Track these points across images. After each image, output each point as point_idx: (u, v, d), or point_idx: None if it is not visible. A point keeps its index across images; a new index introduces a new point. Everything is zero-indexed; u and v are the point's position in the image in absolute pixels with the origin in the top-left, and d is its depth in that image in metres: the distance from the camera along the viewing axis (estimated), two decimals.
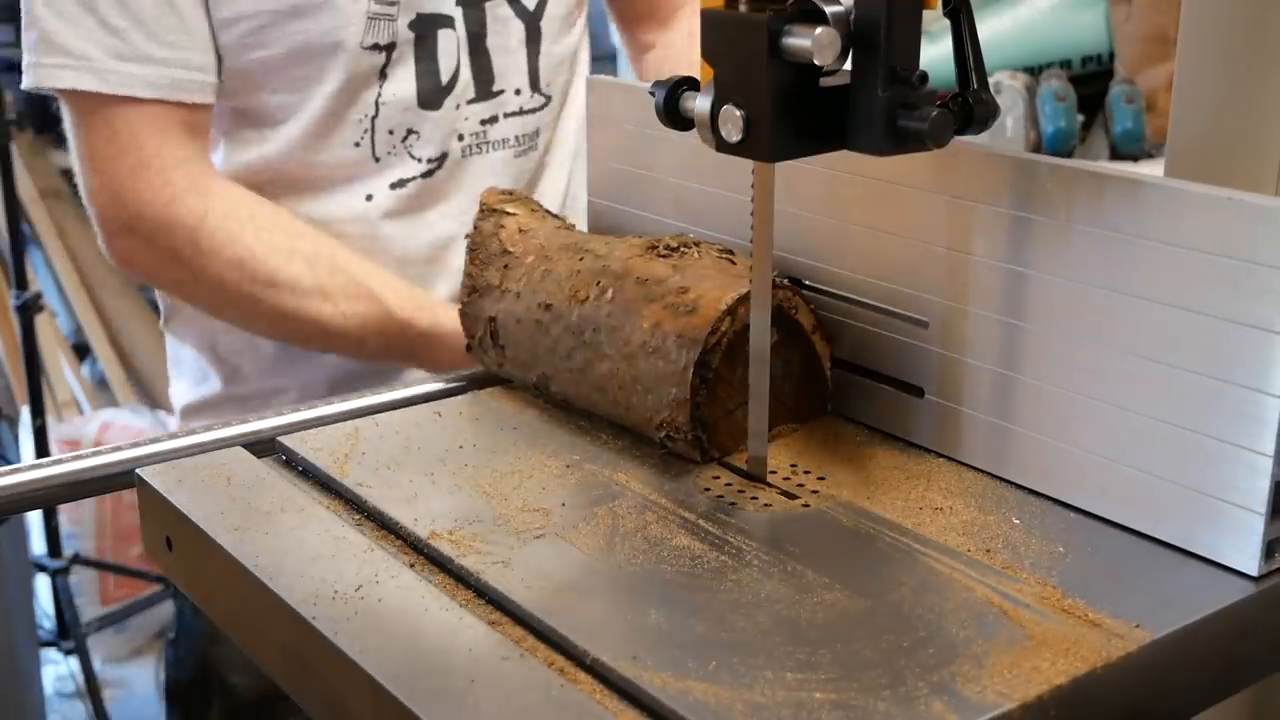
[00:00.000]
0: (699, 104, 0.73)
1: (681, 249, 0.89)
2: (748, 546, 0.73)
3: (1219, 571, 0.70)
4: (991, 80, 2.06)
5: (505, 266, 0.95)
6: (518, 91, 1.28)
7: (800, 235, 0.90)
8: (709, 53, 0.72)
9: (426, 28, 1.21)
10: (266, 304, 1.16)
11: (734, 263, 0.88)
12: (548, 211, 1.01)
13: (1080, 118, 2.19)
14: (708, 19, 0.71)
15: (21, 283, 2.81)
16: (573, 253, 0.92)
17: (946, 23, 0.74)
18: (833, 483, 0.81)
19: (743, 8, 0.70)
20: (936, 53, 0.74)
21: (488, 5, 1.25)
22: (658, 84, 0.77)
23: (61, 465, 0.87)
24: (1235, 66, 0.91)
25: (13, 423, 2.93)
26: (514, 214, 0.99)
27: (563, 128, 1.35)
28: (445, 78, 1.23)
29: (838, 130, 0.70)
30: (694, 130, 0.74)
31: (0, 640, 2.35)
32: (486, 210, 0.99)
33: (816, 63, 0.67)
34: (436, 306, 1.19)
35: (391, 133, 1.22)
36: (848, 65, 0.69)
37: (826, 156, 0.73)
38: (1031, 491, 0.78)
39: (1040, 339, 0.76)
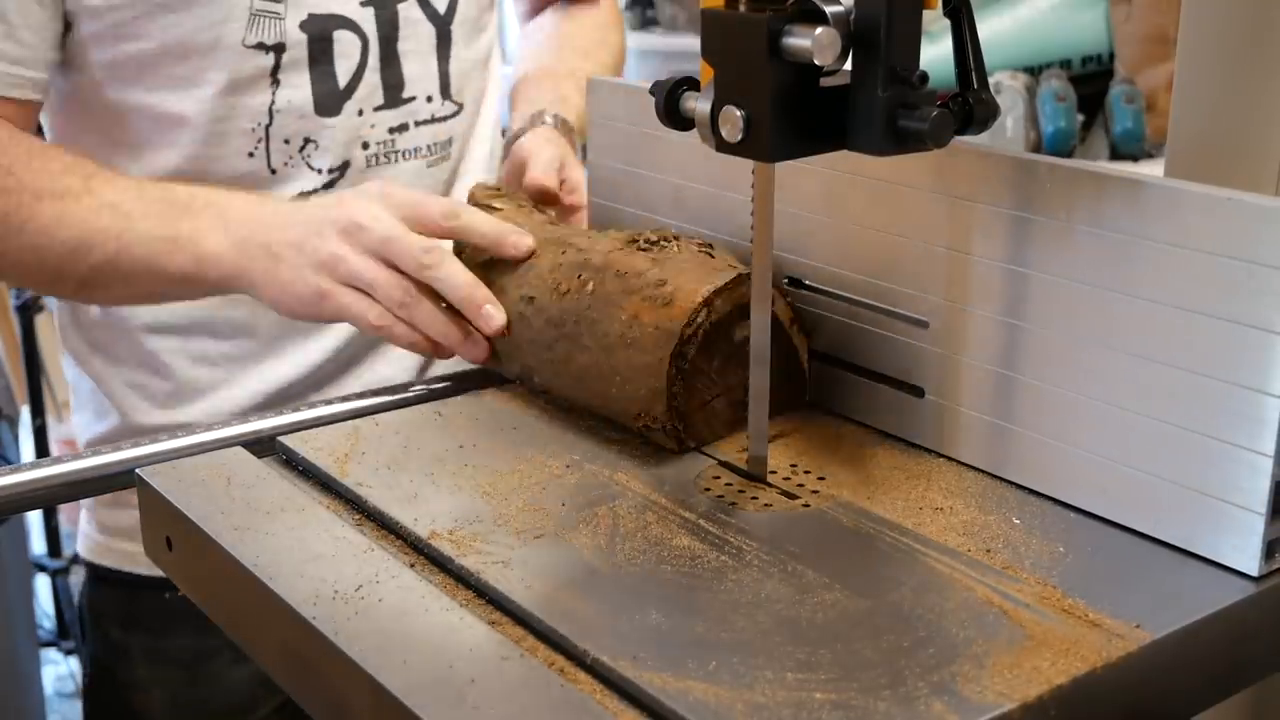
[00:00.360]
0: (699, 104, 0.73)
1: (661, 243, 0.90)
2: (748, 546, 0.73)
3: (1219, 571, 0.70)
4: (991, 80, 2.06)
5: (490, 260, 0.96)
6: (429, 99, 1.22)
7: (800, 235, 0.90)
8: (709, 52, 0.72)
9: (321, 29, 1.14)
10: (33, 223, 1.04)
11: (712, 256, 0.89)
12: (535, 206, 1.02)
13: (1080, 118, 2.19)
14: (708, 19, 0.71)
15: None
16: (556, 246, 0.93)
17: (946, 23, 0.74)
18: (833, 483, 0.81)
19: (742, 8, 0.70)
20: (936, 53, 0.74)
21: (400, 7, 1.19)
22: (658, 84, 0.77)
23: (61, 465, 0.87)
24: (1235, 66, 0.91)
25: (13, 423, 2.92)
26: (500, 209, 1.00)
27: (477, 136, 1.29)
28: (344, 81, 1.16)
29: (838, 130, 0.70)
30: (694, 130, 0.74)
31: (0, 640, 2.34)
32: (474, 205, 1.00)
33: (816, 63, 0.67)
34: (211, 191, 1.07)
35: (288, 142, 1.15)
36: (848, 65, 0.69)
37: (826, 156, 0.73)
38: (1031, 491, 0.78)
39: (1040, 339, 0.76)
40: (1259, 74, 0.90)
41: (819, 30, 0.67)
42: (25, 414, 2.91)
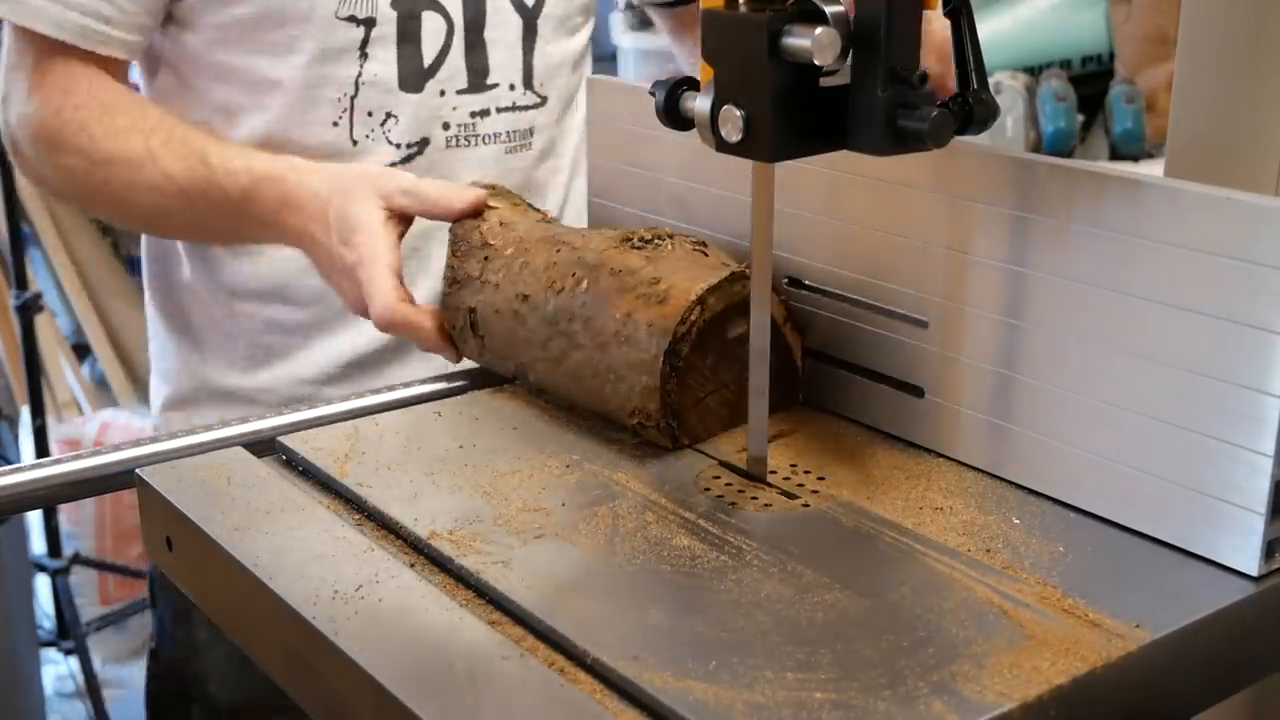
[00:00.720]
0: (699, 104, 0.73)
1: (655, 241, 0.90)
2: (748, 546, 0.73)
3: (1219, 571, 0.70)
4: (991, 80, 2.06)
5: (485, 258, 0.96)
6: (511, 87, 1.25)
7: (800, 235, 0.90)
8: (709, 53, 0.72)
9: (411, 7, 1.18)
10: (110, 185, 1.15)
11: (706, 254, 0.89)
12: (529, 205, 1.02)
13: (1080, 118, 2.19)
14: (708, 19, 0.71)
15: (21, 283, 2.81)
16: (550, 245, 0.93)
17: (942, 23, 0.74)
18: (833, 483, 0.81)
19: (743, 8, 0.70)
20: None
21: None
22: (658, 84, 0.77)
23: (61, 465, 0.87)
24: (1235, 66, 0.91)
25: (13, 423, 2.93)
26: (495, 207, 1.00)
27: (565, 131, 1.34)
28: (428, 61, 1.20)
29: (838, 130, 0.70)
30: (693, 130, 0.74)
31: (0, 640, 2.35)
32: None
33: (816, 63, 0.67)
34: (281, 163, 1.12)
35: (370, 115, 1.19)
36: (848, 65, 0.69)
37: (826, 156, 0.73)
38: (1031, 491, 0.78)
39: (1040, 339, 0.76)
40: (1259, 74, 0.90)
41: (819, 30, 0.67)
42: (25, 414, 2.91)
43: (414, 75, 1.20)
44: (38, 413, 2.81)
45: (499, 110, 1.25)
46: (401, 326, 0.98)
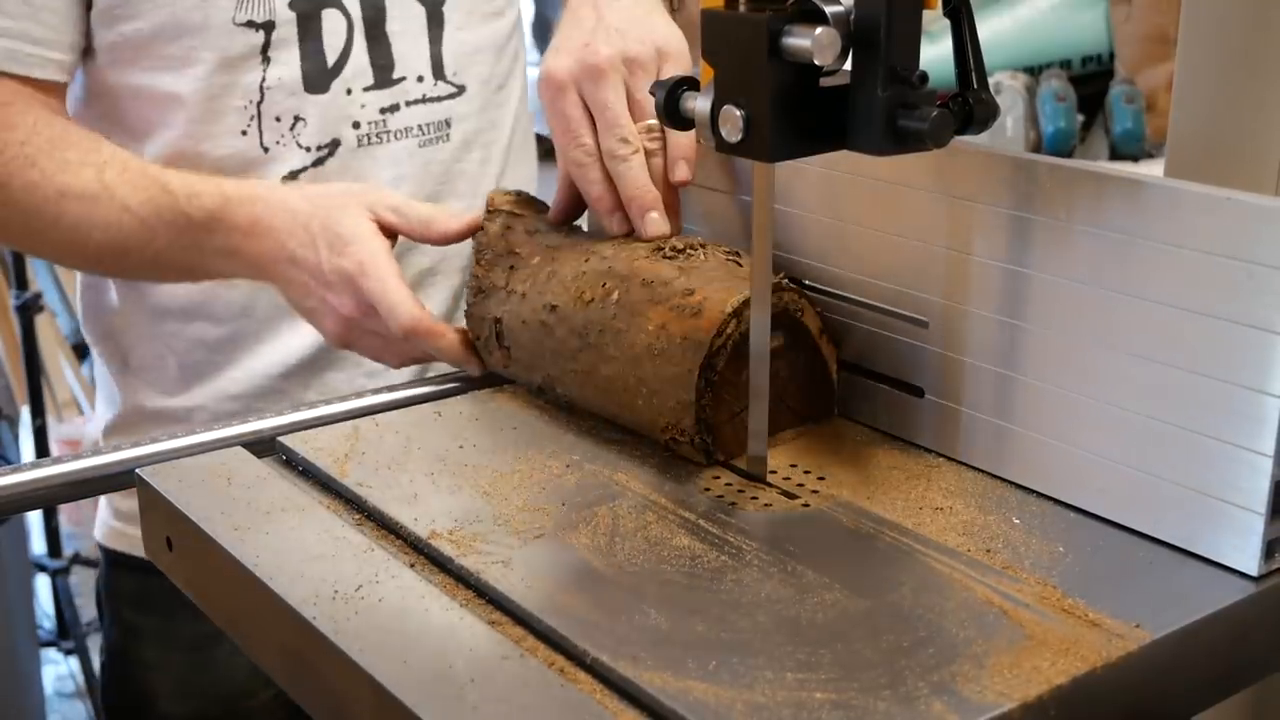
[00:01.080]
0: (699, 104, 0.73)
1: (688, 250, 0.89)
2: (748, 546, 0.73)
3: (1219, 571, 0.70)
4: (991, 80, 2.06)
5: (511, 267, 0.95)
6: (420, 79, 1.21)
7: (800, 235, 0.90)
8: (709, 52, 0.72)
9: (309, 6, 1.15)
10: (63, 220, 1.10)
11: (740, 264, 0.88)
12: None
13: (1080, 118, 2.19)
14: (708, 19, 0.71)
15: (21, 283, 2.82)
16: (579, 254, 0.92)
17: (946, 23, 0.74)
18: (833, 483, 0.81)
19: (742, 8, 0.70)
20: (936, 53, 0.74)
21: None
22: (658, 84, 0.77)
23: (61, 465, 0.87)
24: (1235, 66, 0.91)
25: (13, 423, 2.92)
26: (521, 215, 0.98)
27: (494, 120, 1.29)
28: (332, 60, 1.17)
29: (838, 130, 0.70)
30: (694, 129, 0.74)
31: (0, 640, 2.35)
32: (493, 211, 0.99)
33: (816, 63, 0.67)
34: (253, 185, 1.10)
35: (279, 120, 1.16)
36: (847, 65, 0.69)
37: (826, 156, 0.73)
38: (1031, 491, 0.78)
39: (1040, 339, 0.76)
40: (1259, 74, 0.90)
41: (819, 30, 0.67)
42: (25, 414, 2.91)
43: (319, 76, 1.17)
44: (38, 413, 2.81)
45: (409, 104, 1.21)
46: (425, 335, 0.97)
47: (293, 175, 1.17)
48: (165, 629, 1.26)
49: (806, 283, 0.90)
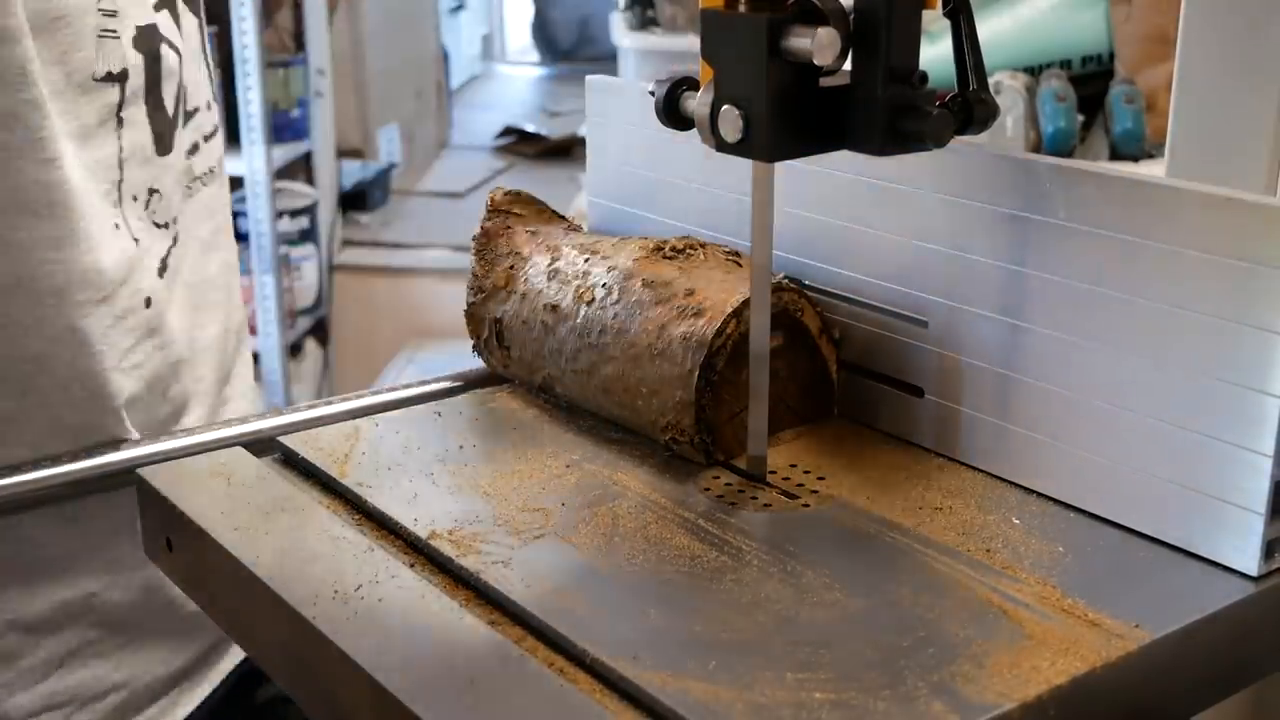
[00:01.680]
0: (698, 104, 0.73)
1: (688, 251, 0.89)
2: (748, 546, 0.73)
3: (1219, 571, 0.70)
4: (991, 80, 2.06)
5: (511, 268, 0.95)
6: (209, 106, 1.03)
7: (800, 235, 0.90)
8: (708, 52, 0.72)
9: (149, 45, 0.93)
10: None
11: (740, 265, 0.88)
12: (554, 212, 1.01)
13: (1080, 118, 2.19)
14: (707, 18, 0.71)
15: None
16: (579, 254, 0.92)
17: (947, 23, 0.74)
18: (833, 483, 0.81)
19: (742, 7, 0.70)
20: (936, 53, 0.74)
21: (180, 6, 0.99)
22: (658, 83, 0.77)
23: (61, 465, 0.87)
24: (1235, 66, 0.91)
25: None
26: (521, 214, 0.99)
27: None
28: (171, 108, 0.96)
29: (837, 130, 0.70)
30: (694, 129, 0.74)
31: None
32: (493, 211, 0.99)
33: (816, 63, 0.67)
34: None
35: (135, 199, 0.93)
36: (847, 65, 0.69)
37: (826, 156, 0.73)
38: (1031, 491, 0.78)
39: (1040, 339, 0.76)
40: (1259, 74, 0.90)
41: (819, 30, 0.67)
42: None
43: (164, 133, 0.96)
44: None
45: (205, 139, 1.03)
46: None
47: (162, 268, 0.96)
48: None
49: (806, 283, 0.90)
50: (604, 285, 0.88)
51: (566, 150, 4.76)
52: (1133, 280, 0.72)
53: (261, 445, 0.88)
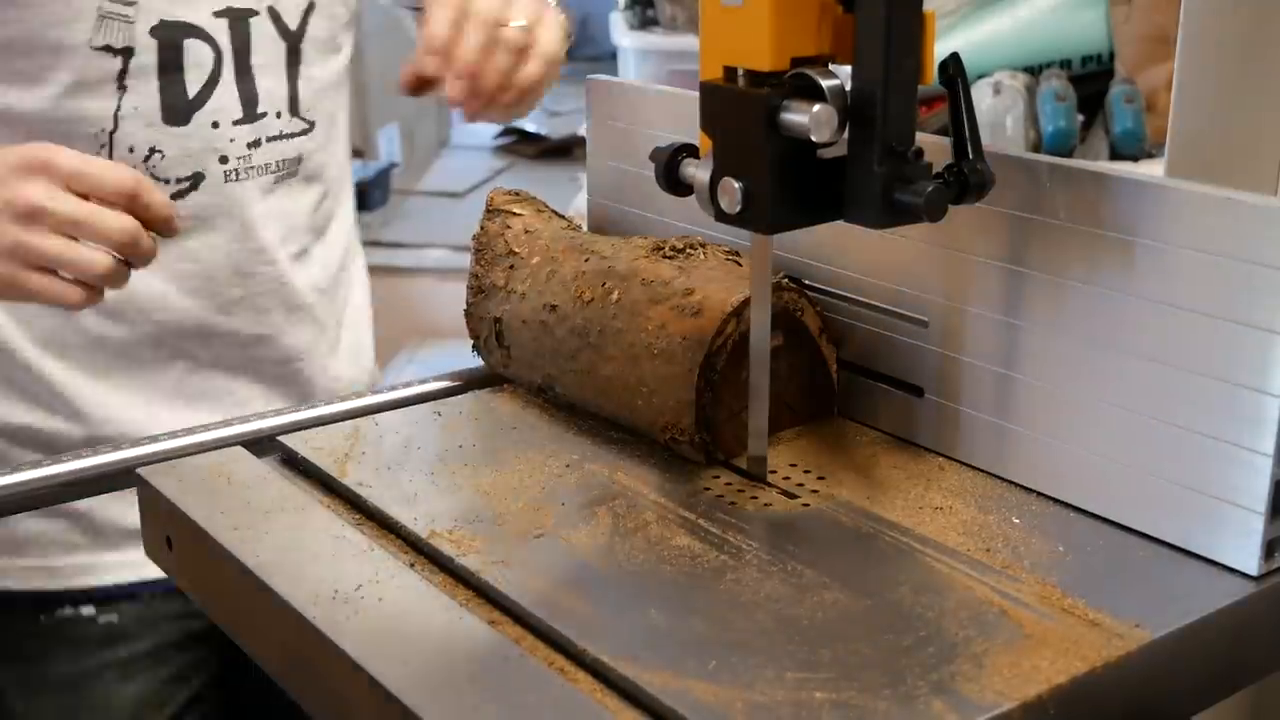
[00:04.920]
0: (699, 174, 0.74)
1: (687, 250, 0.89)
2: (748, 546, 0.73)
3: (1219, 571, 0.70)
4: (991, 80, 2.06)
5: (510, 267, 0.95)
6: (279, 115, 1.20)
7: (799, 235, 0.89)
8: (708, 125, 0.73)
9: (171, 36, 1.12)
10: None
11: (740, 264, 0.88)
12: (554, 212, 1.01)
13: (1080, 118, 2.19)
14: (706, 91, 0.72)
15: None
16: (578, 253, 0.92)
17: (956, 19, 0.74)
18: (833, 482, 0.81)
19: (741, 82, 0.70)
20: (942, 48, 0.74)
21: (253, 21, 1.17)
22: (657, 150, 0.77)
23: (61, 465, 0.87)
24: (1235, 66, 0.92)
25: None
26: (520, 214, 0.98)
27: (333, 155, 1.28)
28: (194, 91, 1.14)
29: (835, 201, 0.71)
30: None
31: None
32: (492, 210, 0.99)
33: (814, 139, 0.68)
34: None
35: (132, 150, 1.12)
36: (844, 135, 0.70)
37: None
38: (1031, 491, 0.78)
39: (1040, 339, 0.76)
40: (1259, 74, 0.90)
41: (816, 107, 0.67)
42: None
43: (178, 107, 1.14)
44: None
45: (269, 140, 1.20)
46: (149, 191, 0.96)
47: None
48: (31, 675, 1.21)
49: (806, 283, 0.90)
50: (604, 285, 0.88)
51: (566, 150, 4.76)
52: (1132, 280, 0.72)
53: (261, 445, 0.88)
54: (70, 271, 0.96)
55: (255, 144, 1.19)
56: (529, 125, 5.08)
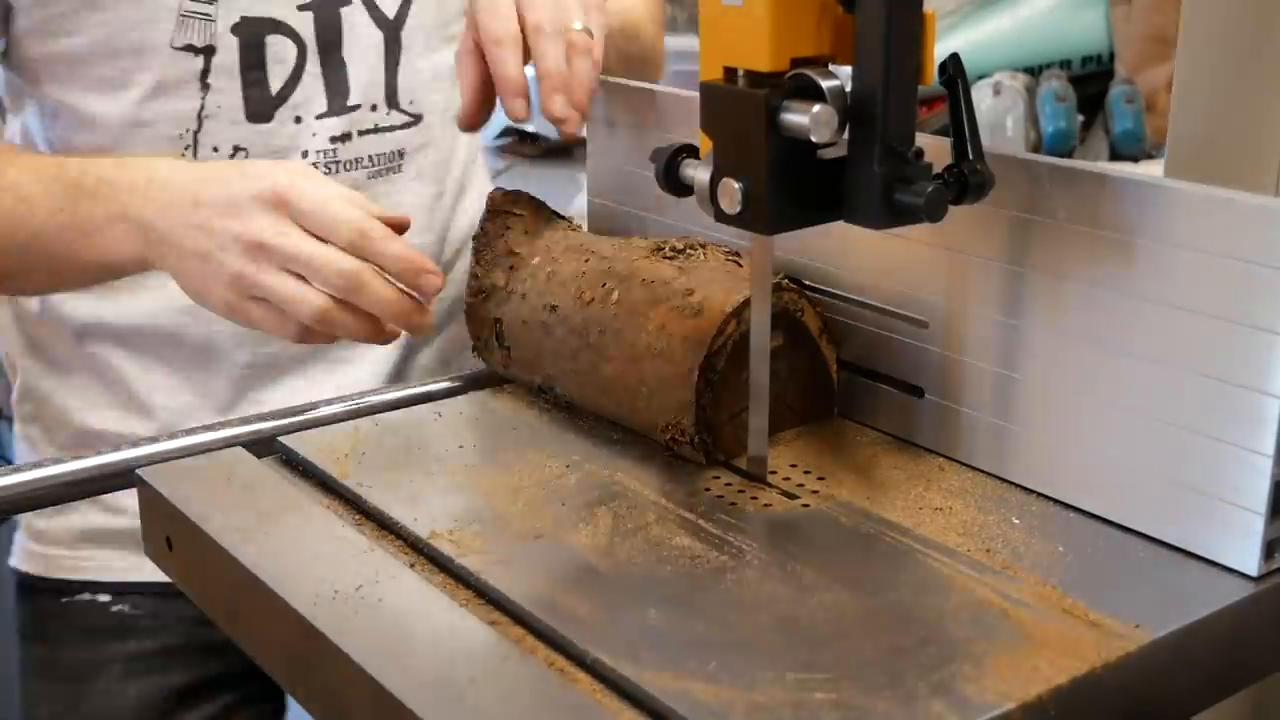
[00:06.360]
0: (699, 176, 0.74)
1: (688, 250, 0.89)
2: (748, 546, 0.73)
3: (1219, 571, 0.70)
4: (991, 80, 2.06)
5: (511, 268, 0.95)
6: (374, 107, 1.17)
7: (799, 235, 0.89)
8: (708, 125, 0.73)
9: (253, 32, 1.10)
10: None
11: (740, 265, 0.88)
12: (554, 213, 1.00)
13: (1080, 118, 2.19)
14: (706, 92, 0.72)
15: None
16: (579, 254, 0.92)
17: (958, 19, 0.74)
18: (833, 483, 0.81)
19: (741, 83, 0.70)
20: (943, 48, 0.74)
21: (344, 11, 1.14)
22: (657, 150, 0.77)
23: (61, 465, 0.87)
24: (1235, 66, 0.92)
25: (12, 423, 2.92)
26: (520, 215, 0.98)
27: (446, 150, 1.24)
28: (277, 87, 1.12)
29: (835, 201, 0.71)
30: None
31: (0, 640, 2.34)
32: (492, 211, 0.99)
33: (814, 140, 0.68)
34: (154, 156, 1.03)
35: (216, 150, 1.11)
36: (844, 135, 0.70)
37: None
38: (1031, 491, 0.78)
39: (1040, 339, 0.76)
40: (1259, 74, 0.90)
41: (816, 108, 0.67)
42: None
43: (262, 104, 1.12)
44: None
45: (361, 133, 1.17)
46: (381, 239, 0.90)
47: None
48: (48, 658, 1.22)
49: (806, 283, 0.90)
50: (604, 285, 0.88)
51: (566, 150, 4.75)
52: (1132, 280, 0.72)
53: (261, 445, 0.88)
54: (283, 307, 0.92)
55: (344, 138, 1.16)
56: (529, 125, 5.07)
